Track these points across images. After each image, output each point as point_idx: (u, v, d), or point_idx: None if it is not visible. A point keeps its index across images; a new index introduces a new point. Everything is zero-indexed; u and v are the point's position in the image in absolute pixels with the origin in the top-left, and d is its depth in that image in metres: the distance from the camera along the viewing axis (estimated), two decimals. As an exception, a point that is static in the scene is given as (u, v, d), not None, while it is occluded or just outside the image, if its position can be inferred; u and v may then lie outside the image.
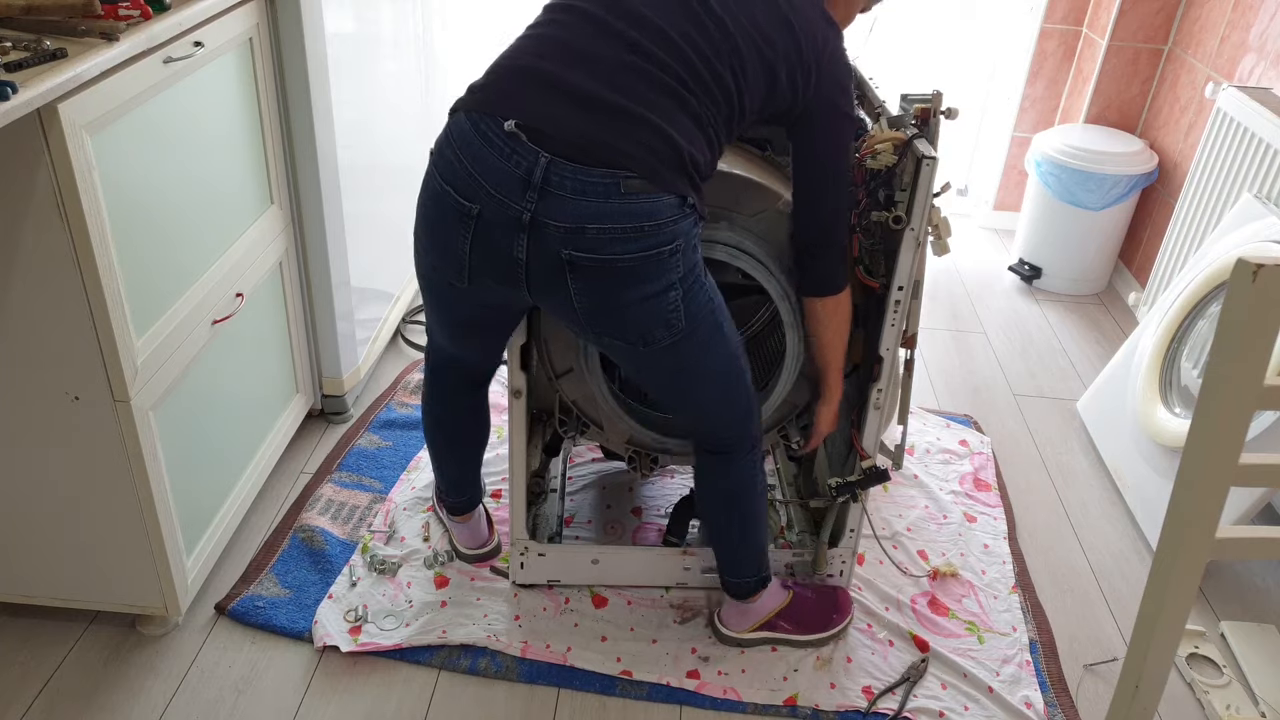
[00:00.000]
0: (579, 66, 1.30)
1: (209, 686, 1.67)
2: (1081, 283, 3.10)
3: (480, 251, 1.34)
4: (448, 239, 1.35)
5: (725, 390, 1.51)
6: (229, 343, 1.80)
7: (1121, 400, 2.30)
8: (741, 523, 1.66)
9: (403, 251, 2.65)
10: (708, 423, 1.57)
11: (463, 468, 1.82)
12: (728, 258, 1.52)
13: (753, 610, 1.76)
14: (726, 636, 1.78)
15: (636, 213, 1.28)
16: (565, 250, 1.29)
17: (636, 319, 1.35)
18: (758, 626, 1.77)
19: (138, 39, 1.38)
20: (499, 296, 1.41)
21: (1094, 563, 2.05)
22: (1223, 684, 1.75)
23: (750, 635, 1.77)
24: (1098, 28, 3.06)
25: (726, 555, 1.72)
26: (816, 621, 1.79)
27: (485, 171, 1.29)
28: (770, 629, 1.77)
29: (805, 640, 1.79)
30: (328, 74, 1.94)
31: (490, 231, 1.31)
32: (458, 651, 1.75)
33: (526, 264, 1.32)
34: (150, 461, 1.55)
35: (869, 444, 1.70)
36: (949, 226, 1.53)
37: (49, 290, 1.38)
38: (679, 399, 1.53)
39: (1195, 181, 2.57)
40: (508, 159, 1.27)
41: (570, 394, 1.70)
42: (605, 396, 1.65)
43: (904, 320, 1.59)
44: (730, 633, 1.78)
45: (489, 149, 1.29)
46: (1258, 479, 1.07)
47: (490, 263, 1.34)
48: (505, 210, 1.29)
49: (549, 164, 1.26)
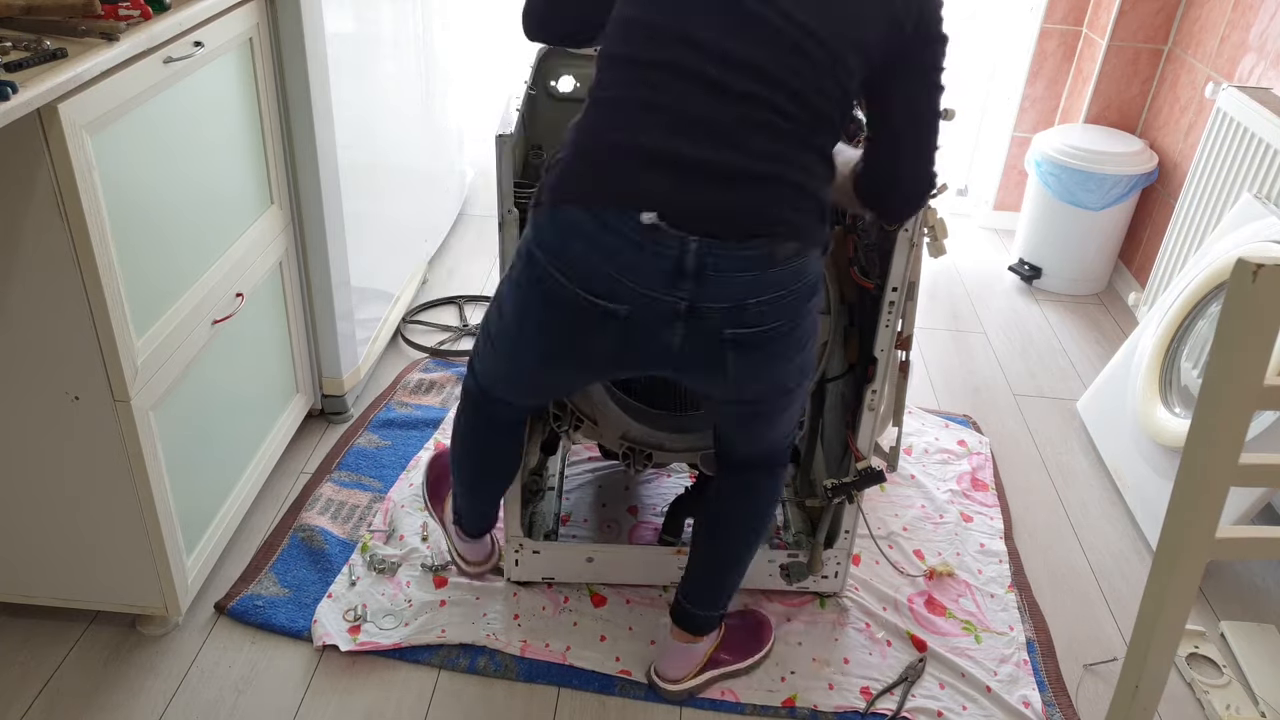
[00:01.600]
0: (695, 135, 1.19)
1: (209, 686, 1.67)
2: (1081, 283, 3.10)
3: (624, 347, 1.27)
4: (581, 341, 1.28)
5: (799, 404, 1.48)
6: (229, 343, 1.80)
7: (1121, 400, 2.30)
8: (755, 544, 1.60)
9: (403, 251, 2.65)
10: (773, 440, 1.50)
11: (492, 499, 1.73)
12: None
13: (696, 651, 1.66)
14: (673, 692, 1.66)
15: (793, 276, 1.24)
16: (727, 330, 1.24)
17: (785, 375, 1.33)
18: (700, 668, 1.67)
19: (138, 39, 1.38)
20: (614, 372, 1.36)
21: (1094, 563, 2.05)
22: (1223, 684, 1.76)
23: (696, 681, 1.67)
24: (1098, 28, 3.06)
25: (727, 584, 1.61)
26: (751, 644, 1.73)
27: (627, 269, 1.20)
28: (714, 666, 1.68)
29: (745, 668, 1.71)
30: (328, 74, 1.95)
31: (640, 329, 1.24)
32: (457, 651, 1.75)
33: (680, 349, 1.26)
34: (150, 461, 1.55)
35: (864, 445, 1.70)
36: (946, 228, 1.53)
37: (49, 290, 1.38)
38: (766, 428, 1.45)
39: (1195, 181, 2.57)
40: (652, 253, 1.19)
41: None
42: (599, 392, 1.65)
43: (899, 321, 1.59)
44: (675, 686, 1.66)
45: (625, 244, 1.19)
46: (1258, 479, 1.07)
47: (634, 354, 1.29)
48: (658, 305, 1.22)
49: (699, 247, 1.19)
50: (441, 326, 2.75)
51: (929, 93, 1.33)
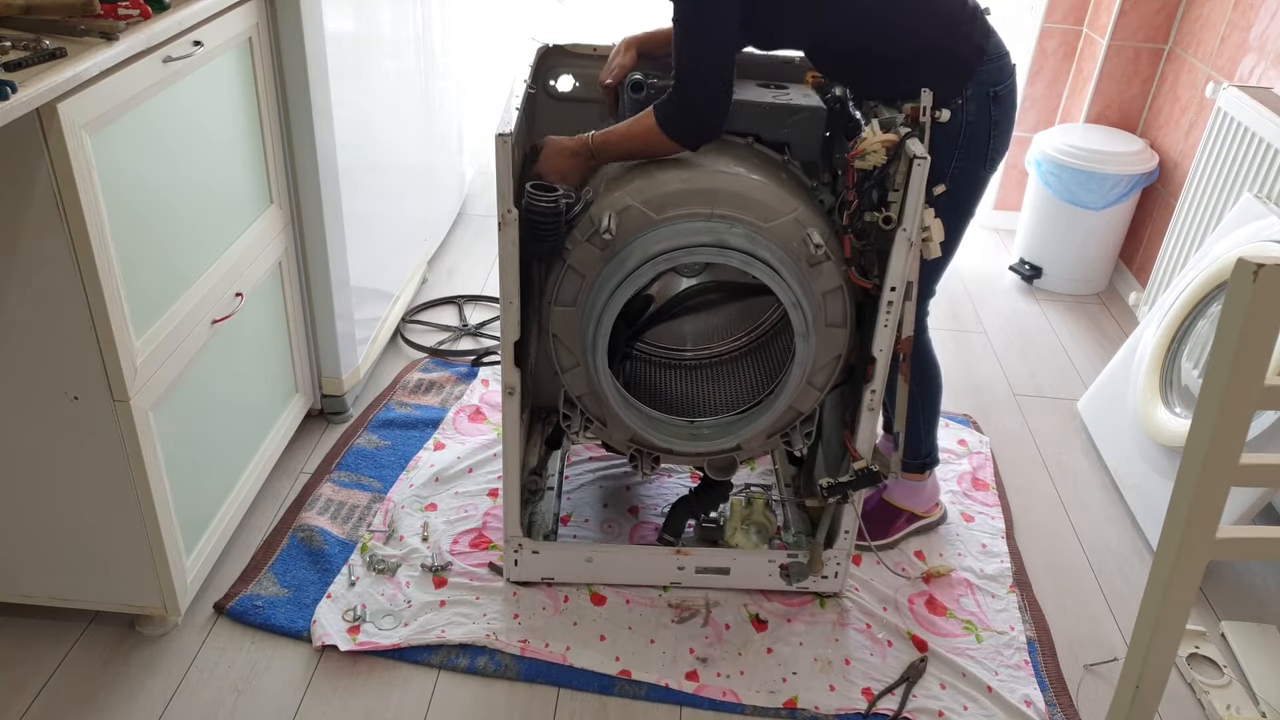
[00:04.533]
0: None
1: (208, 686, 1.67)
2: (1082, 282, 3.10)
3: None
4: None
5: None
6: (229, 342, 1.79)
7: (1122, 400, 2.30)
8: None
9: (402, 251, 2.65)
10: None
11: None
12: (742, 264, 1.51)
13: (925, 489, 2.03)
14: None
15: None
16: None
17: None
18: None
19: (137, 38, 1.38)
20: None
21: (1094, 563, 2.05)
22: (1223, 684, 1.75)
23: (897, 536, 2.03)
24: (1098, 27, 3.06)
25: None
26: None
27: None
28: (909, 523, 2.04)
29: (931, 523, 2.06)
30: (328, 74, 1.94)
31: None
32: (457, 651, 1.74)
33: None
34: (150, 461, 1.55)
35: (863, 446, 1.70)
36: (941, 229, 1.53)
37: (48, 290, 1.38)
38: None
39: (1195, 181, 2.57)
40: None
41: (575, 389, 1.70)
42: (611, 393, 1.65)
43: (898, 321, 1.59)
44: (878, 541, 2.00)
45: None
46: (1258, 479, 1.07)
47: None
48: None
49: None
50: (441, 326, 2.75)
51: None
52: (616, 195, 1.56)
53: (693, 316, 1.90)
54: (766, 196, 1.54)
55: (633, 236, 1.55)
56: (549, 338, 1.65)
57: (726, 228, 1.53)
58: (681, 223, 1.54)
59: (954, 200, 1.63)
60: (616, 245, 1.55)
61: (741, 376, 1.82)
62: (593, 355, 1.59)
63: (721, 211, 1.54)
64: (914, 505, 2.04)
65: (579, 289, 1.60)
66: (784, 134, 1.67)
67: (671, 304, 1.88)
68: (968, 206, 1.72)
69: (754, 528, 1.90)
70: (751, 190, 1.54)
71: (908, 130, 1.49)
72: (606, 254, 1.56)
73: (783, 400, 1.64)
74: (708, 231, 1.53)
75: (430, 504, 2.07)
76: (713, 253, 1.52)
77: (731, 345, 1.87)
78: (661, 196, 1.54)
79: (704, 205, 1.54)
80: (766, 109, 1.65)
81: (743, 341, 1.87)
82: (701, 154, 1.59)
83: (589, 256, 1.57)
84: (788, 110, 1.65)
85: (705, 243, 1.52)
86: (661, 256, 1.51)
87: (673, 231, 1.54)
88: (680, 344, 1.89)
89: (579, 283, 1.59)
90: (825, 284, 1.59)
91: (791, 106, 1.65)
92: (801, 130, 1.67)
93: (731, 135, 1.66)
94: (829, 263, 1.57)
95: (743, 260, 1.51)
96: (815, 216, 1.58)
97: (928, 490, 2.04)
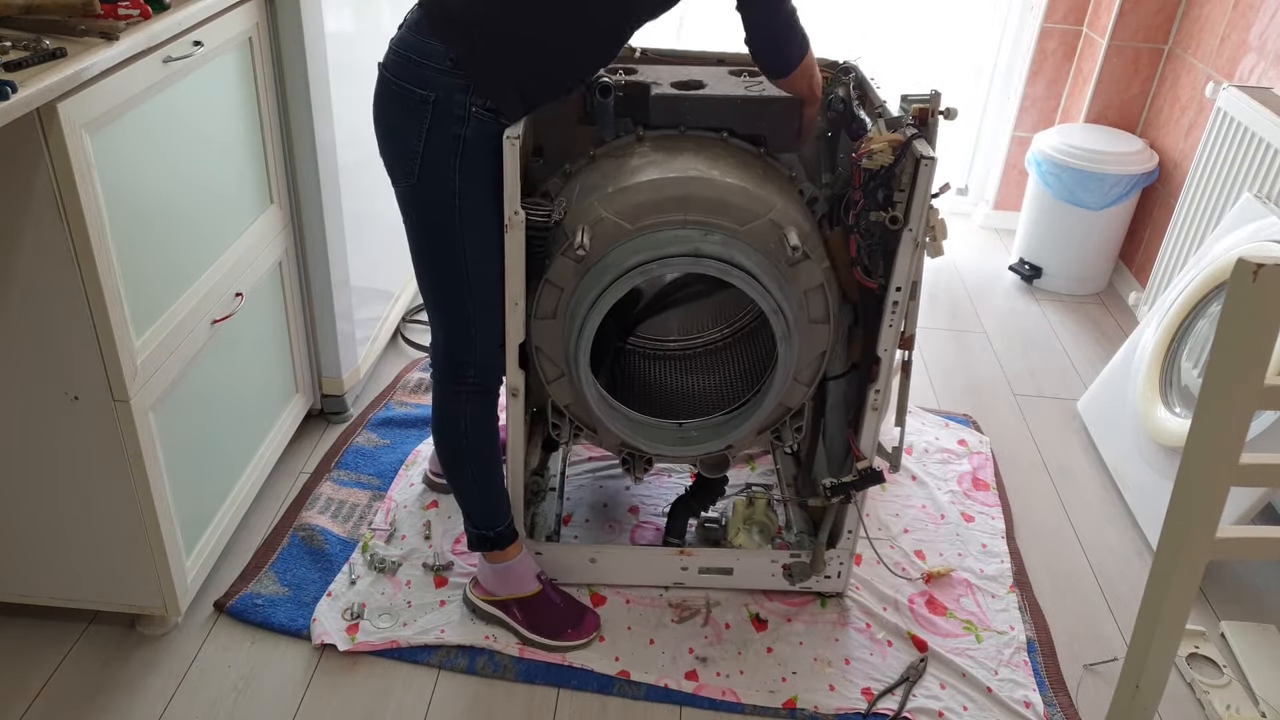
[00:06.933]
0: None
1: (209, 686, 1.67)
2: (1082, 282, 3.10)
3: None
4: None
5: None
6: (229, 342, 1.79)
7: (1121, 400, 2.30)
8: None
9: (402, 251, 2.65)
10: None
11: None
12: (719, 272, 1.51)
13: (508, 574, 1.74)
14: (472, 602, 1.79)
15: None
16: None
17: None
18: (496, 601, 1.77)
19: (137, 38, 1.38)
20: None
21: (1094, 563, 2.05)
22: (1223, 684, 1.75)
23: (482, 602, 1.77)
24: (1098, 27, 3.06)
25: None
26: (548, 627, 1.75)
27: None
28: (503, 610, 1.77)
29: (529, 638, 1.75)
30: (328, 74, 1.94)
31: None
32: (456, 651, 1.74)
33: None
34: (150, 461, 1.55)
35: (866, 445, 1.70)
36: (945, 229, 1.53)
37: (48, 290, 1.38)
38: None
39: (1195, 181, 2.57)
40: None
41: (561, 399, 1.70)
42: (596, 403, 1.64)
43: (902, 321, 1.59)
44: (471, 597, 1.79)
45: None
46: (1258, 479, 1.07)
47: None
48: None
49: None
50: (441, 326, 2.75)
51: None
52: (590, 204, 1.55)
53: (680, 308, 1.90)
54: (741, 199, 1.53)
55: (608, 248, 1.54)
56: (533, 349, 1.64)
57: (702, 235, 1.52)
58: (656, 232, 1.53)
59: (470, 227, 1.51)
60: (591, 259, 1.54)
61: (729, 366, 1.82)
62: (576, 368, 1.59)
63: (695, 218, 1.53)
64: (510, 590, 1.76)
65: (558, 301, 1.59)
66: (760, 126, 1.66)
67: (660, 297, 1.88)
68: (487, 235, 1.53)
69: (756, 528, 1.90)
70: (725, 194, 1.52)
71: (914, 130, 1.49)
72: (581, 267, 1.55)
73: (769, 401, 1.64)
74: (683, 240, 1.52)
75: (432, 502, 2.07)
76: (688, 262, 1.51)
77: (718, 335, 1.87)
78: (635, 207, 1.53)
79: (678, 212, 1.53)
80: (739, 102, 1.63)
81: (729, 331, 1.87)
82: (675, 154, 1.58)
83: (565, 270, 1.56)
84: (761, 103, 1.63)
85: (680, 253, 1.51)
86: (636, 270, 1.51)
87: (647, 242, 1.52)
88: (666, 334, 1.89)
89: (557, 295, 1.59)
90: (806, 282, 1.58)
91: (765, 99, 1.63)
92: (777, 122, 1.65)
93: (705, 131, 1.65)
94: (808, 261, 1.56)
95: (719, 269, 1.51)
96: (793, 211, 1.57)
97: (518, 568, 1.75)
